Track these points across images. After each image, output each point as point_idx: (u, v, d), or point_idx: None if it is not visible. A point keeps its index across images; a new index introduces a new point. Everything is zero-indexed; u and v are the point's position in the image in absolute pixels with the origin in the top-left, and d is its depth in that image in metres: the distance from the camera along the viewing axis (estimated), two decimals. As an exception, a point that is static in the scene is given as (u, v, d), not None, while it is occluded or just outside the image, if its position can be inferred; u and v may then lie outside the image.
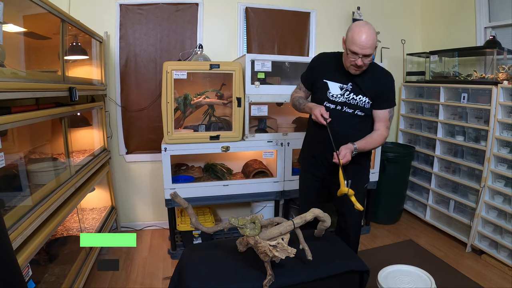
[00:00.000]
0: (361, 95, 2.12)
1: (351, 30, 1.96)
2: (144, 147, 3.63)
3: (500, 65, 3.12)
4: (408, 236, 3.65)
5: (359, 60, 1.96)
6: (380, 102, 2.14)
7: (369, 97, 2.11)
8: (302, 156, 2.50)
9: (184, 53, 3.44)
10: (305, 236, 1.66)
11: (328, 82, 2.17)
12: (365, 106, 2.13)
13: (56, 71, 2.34)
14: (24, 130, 2.14)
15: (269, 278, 1.50)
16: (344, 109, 2.15)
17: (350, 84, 2.13)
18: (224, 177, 3.28)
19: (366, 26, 1.93)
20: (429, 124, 3.81)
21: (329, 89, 2.17)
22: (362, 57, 1.95)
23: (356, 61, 1.97)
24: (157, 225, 3.82)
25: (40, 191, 1.98)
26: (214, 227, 1.74)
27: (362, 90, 2.11)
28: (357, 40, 1.91)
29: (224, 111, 3.28)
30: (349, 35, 1.96)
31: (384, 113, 2.16)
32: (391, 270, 2.19)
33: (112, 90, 3.45)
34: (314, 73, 2.27)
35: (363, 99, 2.12)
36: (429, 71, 3.88)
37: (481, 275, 2.88)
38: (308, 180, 2.43)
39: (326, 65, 2.23)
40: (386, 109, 2.15)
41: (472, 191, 3.28)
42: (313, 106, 2.15)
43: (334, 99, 2.16)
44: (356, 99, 2.12)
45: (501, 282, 2.77)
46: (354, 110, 2.14)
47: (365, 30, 1.91)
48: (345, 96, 2.13)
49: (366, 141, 2.10)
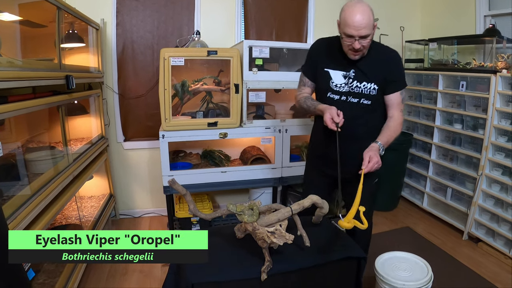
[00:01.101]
0: (366, 81, 1.94)
1: (343, 11, 1.80)
2: (142, 134, 3.62)
3: (499, 54, 3.10)
4: (405, 223, 3.67)
5: (356, 43, 1.79)
6: (389, 86, 1.96)
7: (375, 82, 1.94)
8: (310, 152, 2.37)
9: (182, 40, 3.40)
10: (303, 222, 1.66)
11: (329, 71, 2.01)
12: (370, 93, 1.95)
13: (52, 59, 2.32)
14: (21, 119, 2.13)
15: (267, 265, 1.51)
16: (349, 99, 1.98)
17: (353, 71, 1.95)
18: (222, 163, 3.28)
19: (358, 4, 1.77)
20: (427, 112, 3.81)
21: (332, 78, 2.00)
22: (359, 39, 1.78)
23: (353, 44, 1.81)
24: (156, 212, 3.83)
25: (38, 180, 1.98)
26: (212, 214, 1.74)
27: (366, 76, 1.94)
28: (350, 21, 1.75)
29: (222, 98, 3.27)
30: (342, 16, 1.81)
31: (396, 96, 1.97)
32: (389, 257, 2.20)
33: (109, 77, 3.43)
34: (314, 62, 2.10)
35: (368, 86, 1.95)
36: (427, 59, 3.86)
37: (477, 262, 2.90)
38: (315, 173, 2.28)
39: (325, 52, 2.05)
40: (397, 91, 1.97)
41: (469, 179, 3.29)
42: (324, 109, 1.91)
43: (338, 89, 1.99)
44: (360, 87, 1.95)
45: (497, 270, 2.80)
46: (360, 99, 1.97)
47: (358, 9, 1.75)
48: (349, 84, 1.96)
49: (387, 134, 1.93)
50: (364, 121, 2.00)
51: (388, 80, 1.95)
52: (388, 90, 1.97)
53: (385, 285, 2.01)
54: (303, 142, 3.62)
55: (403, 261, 2.16)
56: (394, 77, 1.96)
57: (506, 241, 2.93)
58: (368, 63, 1.94)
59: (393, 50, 2.01)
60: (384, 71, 1.94)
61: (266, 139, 3.20)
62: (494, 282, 2.62)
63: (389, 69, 1.95)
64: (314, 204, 1.69)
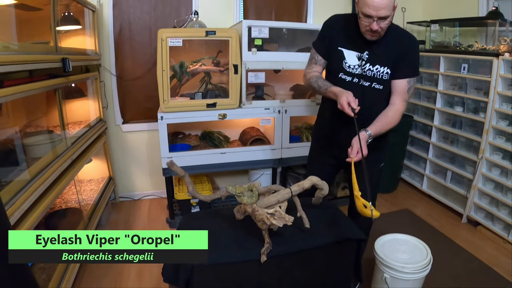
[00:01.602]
0: (378, 65, 1.86)
1: None
2: (141, 116, 3.59)
3: (502, 37, 3.05)
4: (404, 205, 3.68)
5: (374, 24, 1.70)
6: (399, 70, 1.87)
7: (388, 67, 1.86)
8: (316, 133, 2.30)
9: (179, 20, 3.35)
10: (303, 204, 1.66)
11: (344, 51, 1.90)
12: (383, 78, 1.88)
13: (48, 42, 2.28)
14: (18, 103, 2.10)
15: (267, 246, 1.51)
16: (361, 82, 1.91)
17: (366, 53, 1.87)
18: (221, 145, 3.26)
19: None
20: (428, 94, 3.78)
21: (345, 58, 1.90)
22: (378, 20, 1.69)
23: (371, 25, 1.71)
24: (155, 195, 3.84)
25: (37, 164, 1.98)
26: (212, 196, 1.73)
27: (380, 59, 1.86)
28: (370, 0, 1.65)
29: (221, 79, 3.24)
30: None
31: (403, 83, 1.89)
32: (388, 239, 2.21)
33: (107, 59, 3.38)
34: (328, 38, 1.97)
35: (381, 70, 1.87)
36: (429, 40, 3.81)
37: (476, 246, 2.92)
38: (320, 155, 2.23)
39: (341, 30, 1.93)
40: (405, 78, 1.88)
41: (469, 162, 3.28)
42: (339, 92, 1.81)
43: (350, 71, 1.91)
44: (373, 70, 1.87)
45: (495, 254, 2.81)
46: (371, 83, 1.89)
47: None
48: (362, 67, 1.88)
49: (381, 123, 1.87)
50: (374, 106, 1.92)
51: (399, 64, 1.87)
52: (397, 75, 1.89)
53: (385, 267, 2.02)
54: (303, 123, 3.61)
55: (403, 244, 2.17)
56: (406, 62, 1.88)
57: (505, 225, 2.94)
58: (384, 46, 1.85)
59: (412, 36, 1.92)
60: (397, 55, 1.86)
61: (265, 120, 3.18)
62: (492, 266, 2.63)
63: (403, 53, 1.86)
64: (314, 185, 1.68)
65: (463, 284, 2.43)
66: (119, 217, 3.40)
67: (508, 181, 2.88)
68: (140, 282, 2.45)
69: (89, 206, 2.87)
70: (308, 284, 1.69)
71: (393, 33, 1.85)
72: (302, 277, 1.66)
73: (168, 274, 1.63)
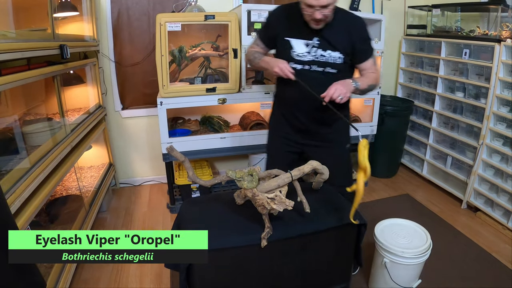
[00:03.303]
0: (330, 50, 1.88)
1: None
2: (140, 102, 3.58)
3: (504, 23, 3.02)
4: (404, 190, 3.69)
5: (316, 13, 1.72)
6: (359, 55, 1.93)
7: (340, 51, 1.88)
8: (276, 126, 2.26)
9: (178, 5, 3.31)
10: (303, 188, 1.65)
11: (290, 40, 1.92)
12: (336, 62, 1.90)
13: (45, 29, 2.26)
14: (17, 91, 2.09)
15: (267, 231, 1.51)
16: (312, 68, 1.93)
17: (317, 39, 1.88)
18: (221, 129, 3.25)
19: None
20: (429, 79, 3.75)
21: (293, 47, 1.92)
22: (320, 8, 1.71)
23: (313, 14, 1.73)
24: (156, 180, 3.85)
25: (37, 152, 1.98)
26: (212, 180, 1.73)
27: (331, 44, 1.87)
28: None
29: (220, 63, 3.21)
30: None
31: (368, 64, 1.95)
32: (388, 223, 2.22)
33: (105, 45, 3.35)
34: (272, 30, 1.99)
35: (334, 54, 1.89)
36: (430, 25, 3.76)
37: (475, 232, 2.93)
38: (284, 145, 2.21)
39: (285, 21, 1.95)
40: (367, 60, 1.95)
41: (470, 148, 3.28)
42: (271, 60, 1.90)
43: (300, 59, 1.92)
44: (325, 55, 1.89)
45: (495, 240, 2.82)
46: (324, 67, 1.92)
47: None
48: (312, 53, 1.89)
49: (365, 78, 1.92)
50: None
51: (357, 50, 1.91)
52: (359, 59, 1.94)
53: (385, 252, 2.03)
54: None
55: (403, 228, 2.18)
56: (362, 46, 1.92)
57: (505, 212, 2.94)
58: (333, 31, 1.87)
59: (359, 17, 1.94)
60: (351, 40, 1.88)
61: (265, 104, 3.17)
62: (491, 252, 2.64)
63: (356, 38, 1.89)
64: (315, 170, 1.68)
65: (462, 269, 2.45)
66: (120, 204, 3.41)
67: (508, 168, 2.88)
68: (141, 282, 2.44)
69: (90, 193, 2.88)
70: (308, 268, 1.70)
71: (340, 17, 1.87)
72: (302, 262, 1.68)
73: (169, 259, 1.64)
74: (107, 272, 2.44)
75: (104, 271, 2.45)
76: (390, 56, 4.20)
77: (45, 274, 1.87)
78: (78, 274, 2.39)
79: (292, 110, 2.07)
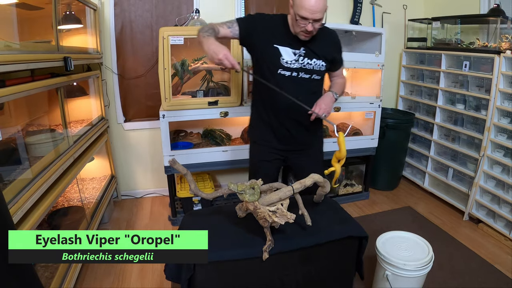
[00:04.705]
0: (315, 58, 2.02)
1: None
2: (142, 114, 3.59)
3: (504, 34, 3.05)
4: (406, 202, 3.68)
5: (309, 25, 1.83)
6: (336, 64, 2.16)
7: (323, 60, 2.04)
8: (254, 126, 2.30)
9: (181, 18, 3.35)
10: (305, 201, 1.66)
11: (279, 48, 1.99)
12: (320, 69, 2.06)
13: (50, 41, 2.29)
14: (20, 102, 2.10)
15: (269, 244, 1.51)
16: (300, 75, 2.03)
17: (303, 49, 2.00)
18: (223, 142, 3.26)
19: None
20: (429, 91, 3.77)
21: (282, 55, 1.99)
22: (313, 22, 1.82)
23: (306, 26, 1.84)
24: (157, 193, 3.85)
25: (39, 163, 1.98)
26: (214, 193, 1.74)
27: (316, 53, 2.01)
28: (307, 4, 1.77)
29: (222, 76, 3.24)
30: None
31: (340, 71, 2.22)
32: (390, 236, 2.21)
33: (108, 58, 3.38)
34: (252, 28, 2.01)
35: (318, 63, 2.03)
36: (430, 38, 3.80)
37: (477, 243, 2.92)
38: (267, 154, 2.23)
39: (273, 28, 2.02)
40: (340, 68, 2.21)
41: (471, 160, 3.28)
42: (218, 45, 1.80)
43: (289, 66, 2.01)
44: (311, 64, 2.02)
45: (497, 251, 2.81)
46: (311, 75, 2.05)
47: None
48: (300, 61, 2.01)
49: (338, 86, 2.17)
50: (314, 95, 2.09)
51: (336, 60, 2.13)
52: (335, 68, 2.18)
53: (386, 265, 2.02)
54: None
55: (404, 241, 2.17)
56: (339, 57, 2.16)
57: (507, 223, 2.94)
58: (317, 42, 2.01)
59: (333, 31, 2.14)
60: (332, 51, 2.09)
61: (266, 118, 3.16)
62: (494, 263, 2.63)
63: (335, 49, 2.12)
64: (316, 182, 1.69)
65: (464, 281, 2.44)
66: (121, 215, 3.41)
67: (510, 179, 2.87)
68: (142, 282, 2.45)
69: (92, 204, 2.88)
70: (309, 281, 1.69)
71: (320, 31, 1.98)
72: (303, 275, 1.67)
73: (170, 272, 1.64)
74: (108, 283, 2.44)
75: (105, 281, 2.45)
76: (391, 69, 4.23)
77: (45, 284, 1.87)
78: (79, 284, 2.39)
79: (280, 118, 2.13)
